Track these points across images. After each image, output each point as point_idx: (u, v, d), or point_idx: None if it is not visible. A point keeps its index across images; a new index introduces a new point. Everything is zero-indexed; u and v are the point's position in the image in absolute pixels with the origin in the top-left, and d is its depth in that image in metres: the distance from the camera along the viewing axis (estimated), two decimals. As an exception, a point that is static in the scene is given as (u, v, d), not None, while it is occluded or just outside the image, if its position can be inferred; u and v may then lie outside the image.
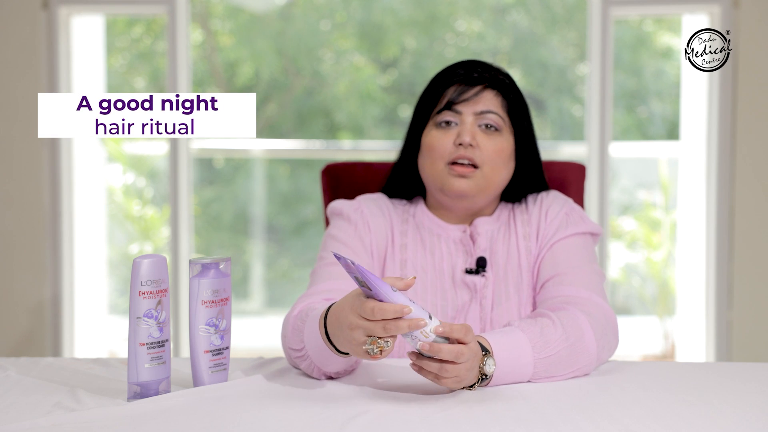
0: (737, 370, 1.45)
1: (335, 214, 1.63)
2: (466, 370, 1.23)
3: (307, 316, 1.35)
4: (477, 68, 1.58)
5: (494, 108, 1.56)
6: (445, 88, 1.57)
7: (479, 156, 1.53)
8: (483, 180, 1.54)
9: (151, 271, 1.26)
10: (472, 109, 1.55)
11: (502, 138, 1.56)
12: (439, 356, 1.20)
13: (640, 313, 4.32)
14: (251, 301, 4.64)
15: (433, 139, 1.56)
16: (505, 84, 1.58)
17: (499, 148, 1.55)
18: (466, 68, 1.58)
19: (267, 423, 1.14)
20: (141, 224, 4.12)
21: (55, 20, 3.34)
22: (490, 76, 1.58)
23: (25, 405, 1.22)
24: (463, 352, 1.21)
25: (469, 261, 1.58)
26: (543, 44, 4.69)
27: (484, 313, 1.55)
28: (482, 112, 1.55)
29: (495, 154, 1.54)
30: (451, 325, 1.21)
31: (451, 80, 1.58)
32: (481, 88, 1.56)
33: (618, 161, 4.31)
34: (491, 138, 1.55)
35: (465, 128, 1.54)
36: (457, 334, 1.21)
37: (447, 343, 1.20)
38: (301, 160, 4.78)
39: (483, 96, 1.56)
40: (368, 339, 1.18)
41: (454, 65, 1.61)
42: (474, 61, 1.61)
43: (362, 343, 1.19)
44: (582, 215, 1.61)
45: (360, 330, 1.18)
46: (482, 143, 1.54)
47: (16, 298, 3.38)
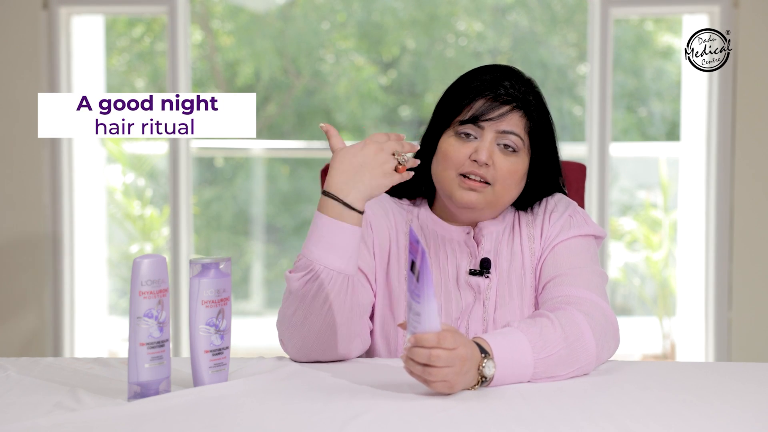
0: (736, 370, 1.45)
1: (337, 213, 1.63)
2: (453, 374, 1.23)
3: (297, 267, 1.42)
4: (506, 81, 1.54)
5: (517, 130, 1.53)
6: (471, 100, 1.54)
7: (492, 174, 1.52)
8: (493, 196, 1.53)
9: (151, 271, 1.26)
10: (496, 127, 1.52)
11: (518, 159, 1.54)
12: (414, 359, 1.23)
13: (640, 313, 4.32)
14: (251, 301, 4.64)
15: (450, 147, 1.54)
16: (531, 105, 1.55)
17: (513, 169, 1.53)
18: (495, 79, 1.54)
19: (267, 423, 1.14)
20: (141, 224, 4.12)
21: (55, 20, 3.34)
22: (520, 94, 1.54)
23: (26, 405, 1.22)
24: (439, 356, 1.21)
25: (473, 262, 1.57)
26: (543, 44, 4.69)
27: (487, 315, 1.55)
28: (504, 132, 1.52)
29: (508, 175, 1.53)
30: (421, 336, 1.22)
31: (479, 92, 1.54)
32: (509, 108, 1.53)
33: (618, 161, 4.31)
34: (507, 158, 1.53)
35: (484, 146, 1.51)
36: (428, 344, 1.22)
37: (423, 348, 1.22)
38: (301, 160, 4.78)
39: (509, 117, 1.53)
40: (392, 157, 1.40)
41: (482, 70, 1.57)
42: (505, 70, 1.56)
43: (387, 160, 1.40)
44: (585, 218, 1.61)
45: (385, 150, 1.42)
46: (498, 162, 1.52)
47: (16, 298, 3.38)
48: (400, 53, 4.84)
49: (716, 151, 3.35)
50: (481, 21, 4.76)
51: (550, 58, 4.66)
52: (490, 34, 4.77)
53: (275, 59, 4.73)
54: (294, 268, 1.43)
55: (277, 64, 4.75)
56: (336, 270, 1.40)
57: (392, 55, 4.84)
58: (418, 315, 1.22)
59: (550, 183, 1.61)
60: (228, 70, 4.79)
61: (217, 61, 4.80)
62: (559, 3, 4.70)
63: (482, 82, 1.54)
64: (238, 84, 4.76)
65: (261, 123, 4.70)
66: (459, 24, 4.77)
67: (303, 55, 4.75)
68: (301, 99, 4.78)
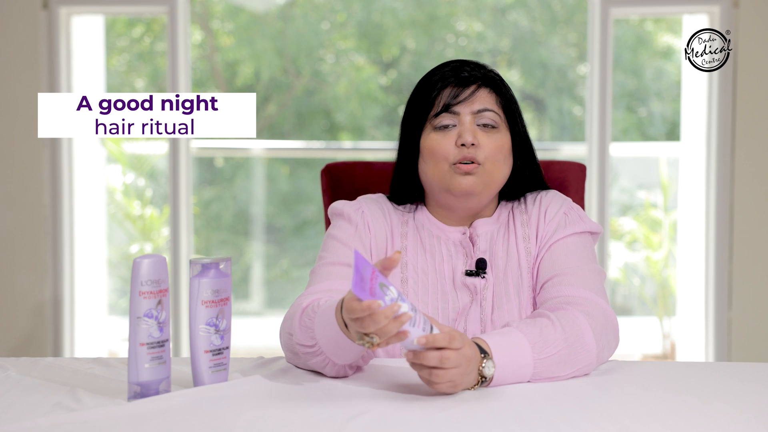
0: (736, 370, 1.44)
1: (336, 214, 1.63)
2: (459, 374, 1.24)
3: (315, 313, 1.35)
4: (465, 67, 1.58)
5: (490, 106, 1.56)
6: (438, 91, 1.57)
7: (481, 154, 1.53)
8: (486, 176, 1.54)
9: (151, 271, 1.26)
10: (469, 108, 1.55)
11: (500, 135, 1.56)
12: (424, 363, 1.22)
13: (640, 313, 4.32)
14: (251, 301, 4.64)
15: (434, 143, 1.55)
16: (497, 81, 1.59)
17: (498, 144, 1.55)
18: (455, 67, 1.58)
19: (267, 423, 1.14)
20: (141, 224, 4.12)
21: (55, 20, 3.34)
22: (482, 74, 1.58)
23: (25, 405, 1.22)
24: (449, 357, 1.22)
25: (468, 263, 1.57)
26: (543, 44, 4.69)
27: (484, 315, 1.55)
28: (479, 111, 1.55)
29: (496, 151, 1.54)
30: (434, 336, 1.22)
31: (443, 82, 1.57)
32: (475, 87, 1.56)
33: (618, 161, 4.31)
34: (490, 135, 1.55)
35: (465, 128, 1.54)
36: (440, 344, 1.22)
37: (433, 350, 1.22)
38: (301, 160, 4.78)
39: (478, 95, 1.56)
40: (358, 335, 1.21)
41: (440, 66, 1.60)
42: (460, 60, 1.60)
43: (356, 339, 1.23)
44: (581, 214, 1.61)
45: (352, 327, 1.23)
46: (482, 141, 1.54)
47: (16, 298, 3.39)
48: (400, 53, 4.84)
49: (716, 151, 3.35)
50: (481, 21, 4.76)
51: (550, 58, 4.66)
52: (490, 34, 4.77)
53: (275, 59, 4.73)
54: (300, 330, 1.37)
55: (277, 64, 4.75)
56: (340, 364, 1.37)
57: (392, 55, 4.84)
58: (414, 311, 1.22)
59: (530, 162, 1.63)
60: (228, 70, 4.79)
61: (217, 61, 4.80)
62: (559, 3, 4.70)
63: (444, 73, 1.58)
64: (238, 84, 4.76)
65: (261, 123, 4.70)
66: (459, 24, 4.77)
67: (303, 55, 4.75)
68: (301, 99, 4.78)
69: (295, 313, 1.40)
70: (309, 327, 1.35)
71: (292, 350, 1.40)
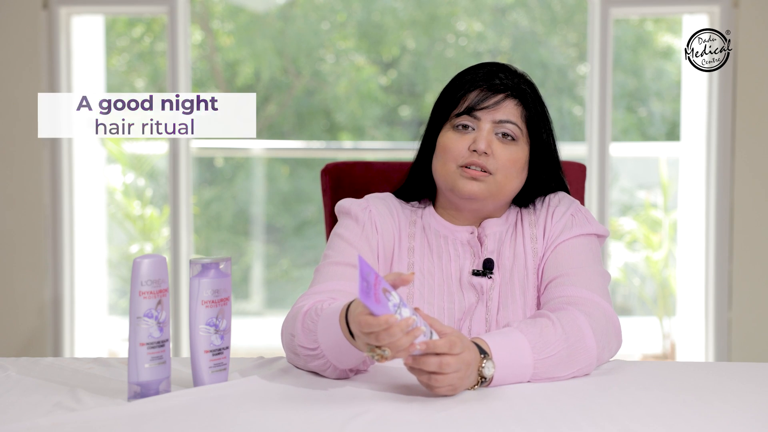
0: (736, 370, 1.44)
1: (343, 212, 1.62)
2: (458, 378, 1.24)
3: (318, 316, 1.34)
4: (500, 73, 1.56)
5: (513, 118, 1.54)
6: (466, 92, 1.55)
7: (492, 164, 1.52)
8: (495, 186, 1.53)
9: (151, 271, 1.26)
10: (492, 117, 1.54)
11: (517, 148, 1.54)
12: (424, 368, 1.22)
13: (640, 313, 4.32)
14: (251, 301, 4.64)
15: (448, 141, 1.55)
16: (527, 94, 1.57)
17: (513, 158, 1.54)
18: (489, 72, 1.56)
19: (267, 423, 1.14)
20: (141, 224, 4.12)
21: (55, 20, 3.34)
22: (513, 84, 1.56)
23: (26, 405, 1.22)
24: (449, 363, 1.22)
25: (476, 263, 1.57)
26: (543, 44, 4.69)
27: (489, 315, 1.54)
28: (501, 121, 1.53)
29: (509, 164, 1.53)
30: (434, 342, 1.22)
31: (473, 84, 1.55)
32: (503, 96, 1.54)
33: (618, 161, 4.31)
34: (506, 147, 1.53)
35: (481, 135, 1.52)
36: (440, 350, 1.22)
37: (432, 356, 1.22)
38: (301, 160, 4.78)
39: (503, 105, 1.54)
40: (368, 347, 1.21)
41: (476, 66, 1.59)
42: (498, 64, 1.58)
43: (365, 350, 1.22)
44: (588, 216, 1.60)
45: (361, 339, 1.22)
46: (497, 152, 1.53)
47: (16, 299, 3.38)
48: (400, 53, 4.84)
49: (716, 151, 3.35)
50: (481, 21, 4.76)
51: (550, 58, 4.66)
52: (490, 34, 4.77)
53: (275, 59, 4.73)
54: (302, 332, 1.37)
55: (277, 64, 4.75)
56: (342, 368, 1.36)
57: (392, 55, 4.84)
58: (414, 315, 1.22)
59: (551, 176, 1.61)
60: (228, 70, 4.79)
61: (217, 61, 4.80)
62: (559, 3, 4.70)
63: (476, 75, 1.57)
64: (238, 84, 4.76)
65: (261, 123, 4.70)
66: (459, 24, 4.77)
67: (303, 55, 4.75)
68: (301, 99, 4.78)
69: (297, 313, 1.40)
70: (311, 330, 1.35)
71: (294, 351, 1.40)
